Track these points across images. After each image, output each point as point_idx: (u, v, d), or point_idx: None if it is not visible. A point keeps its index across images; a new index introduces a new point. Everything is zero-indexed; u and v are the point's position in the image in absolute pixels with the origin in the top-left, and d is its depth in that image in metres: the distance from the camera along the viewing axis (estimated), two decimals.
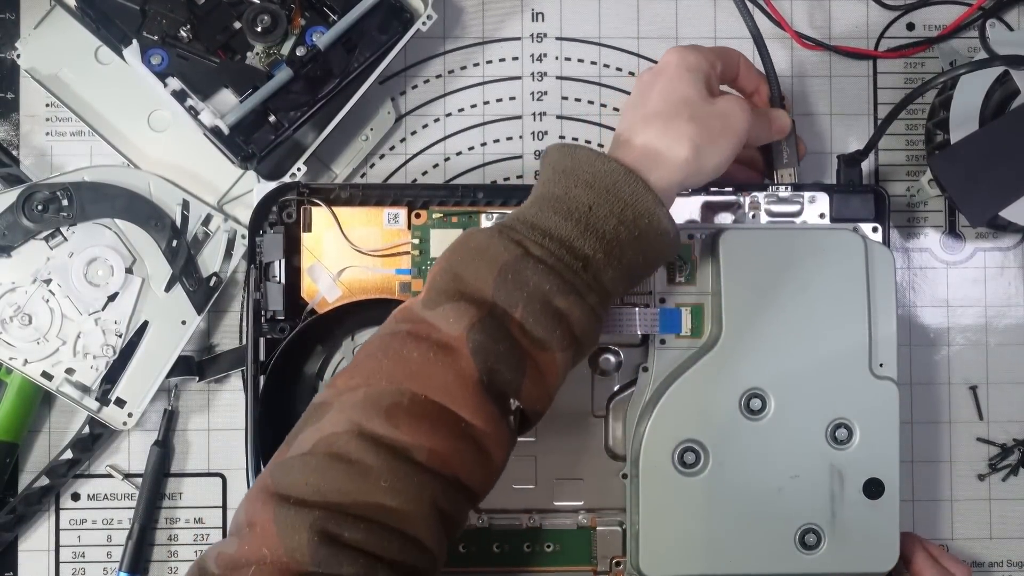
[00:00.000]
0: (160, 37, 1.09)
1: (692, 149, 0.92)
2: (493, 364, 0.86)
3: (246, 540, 0.81)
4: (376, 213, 1.08)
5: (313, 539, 0.80)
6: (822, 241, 1.03)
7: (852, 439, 1.01)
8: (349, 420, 0.84)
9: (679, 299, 1.05)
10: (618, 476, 1.06)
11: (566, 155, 0.91)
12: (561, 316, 0.87)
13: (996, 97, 1.12)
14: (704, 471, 1.01)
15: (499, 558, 1.09)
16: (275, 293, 1.07)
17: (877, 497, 1.01)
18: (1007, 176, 1.08)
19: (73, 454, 1.16)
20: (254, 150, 1.08)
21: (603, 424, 1.10)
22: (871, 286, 1.02)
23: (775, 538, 1.01)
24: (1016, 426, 1.20)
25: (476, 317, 0.86)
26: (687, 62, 0.96)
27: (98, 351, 1.12)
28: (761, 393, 1.01)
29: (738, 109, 0.96)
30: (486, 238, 0.88)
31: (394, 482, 0.83)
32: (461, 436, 0.85)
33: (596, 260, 0.88)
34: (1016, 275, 1.20)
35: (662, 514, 1.01)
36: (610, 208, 0.88)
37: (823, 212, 1.08)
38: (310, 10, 1.11)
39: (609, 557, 1.08)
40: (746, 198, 1.08)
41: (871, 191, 1.09)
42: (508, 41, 1.21)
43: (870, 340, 1.02)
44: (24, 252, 1.13)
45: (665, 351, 1.05)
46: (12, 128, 1.18)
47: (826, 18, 1.22)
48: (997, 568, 1.19)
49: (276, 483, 0.83)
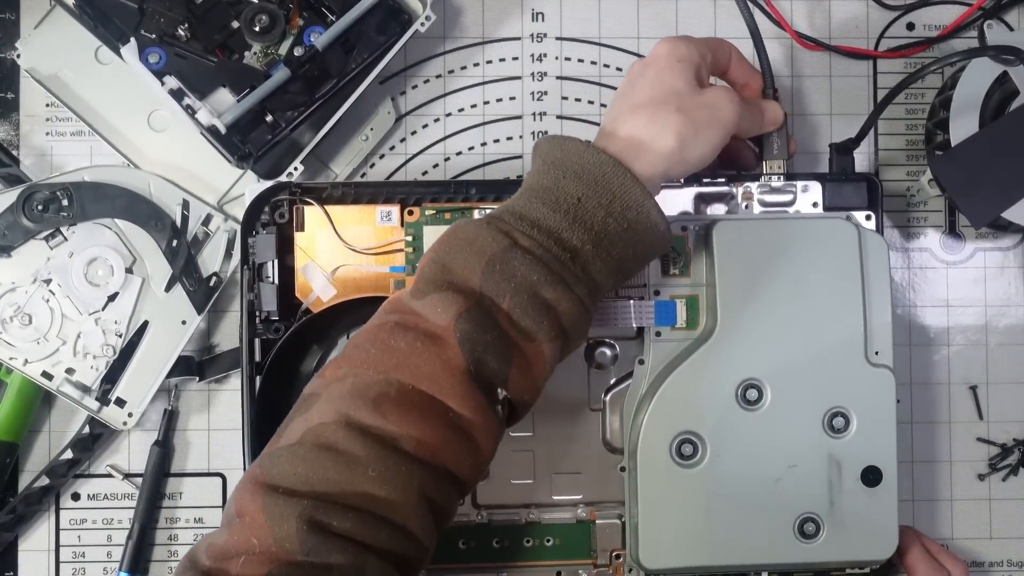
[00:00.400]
0: (158, 36, 1.09)
1: (677, 140, 0.92)
2: (480, 354, 0.86)
3: (235, 530, 0.82)
4: (369, 211, 1.08)
5: (302, 528, 0.80)
6: (816, 230, 1.03)
7: (849, 428, 1.02)
8: (337, 410, 0.84)
9: (674, 291, 1.06)
10: (616, 469, 1.06)
11: (556, 146, 0.91)
12: (548, 307, 0.87)
13: (996, 97, 1.12)
14: (702, 462, 1.01)
15: (499, 553, 1.09)
16: (269, 294, 1.07)
17: (875, 485, 1.02)
18: (1008, 177, 1.08)
19: (73, 454, 1.16)
20: (251, 149, 1.08)
21: (600, 417, 1.10)
22: (865, 274, 1.03)
23: (774, 528, 1.01)
24: (1016, 426, 1.20)
25: (464, 307, 0.86)
26: (677, 53, 0.96)
27: (98, 351, 1.13)
28: (757, 383, 1.01)
29: (726, 100, 0.96)
30: (475, 229, 0.89)
31: (382, 471, 0.83)
32: (449, 425, 0.86)
33: (584, 252, 0.89)
34: (1016, 275, 1.20)
35: (661, 506, 1.02)
36: (599, 200, 0.89)
37: (816, 201, 1.08)
38: (308, 10, 1.11)
39: (609, 550, 1.09)
40: (739, 188, 1.08)
41: (864, 179, 1.09)
42: (508, 41, 1.21)
43: (865, 328, 1.02)
44: (24, 252, 1.13)
45: (661, 343, 1.05)
46: (12, 128, 1.18)
47: (826, 18, 1.22)
48: (997, 568, 1.19)
49: (265, 473, 0.84)
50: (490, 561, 1.09)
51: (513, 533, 1.09)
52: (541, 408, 1.06)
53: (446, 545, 1.08)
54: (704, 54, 0.99)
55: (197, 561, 0.82)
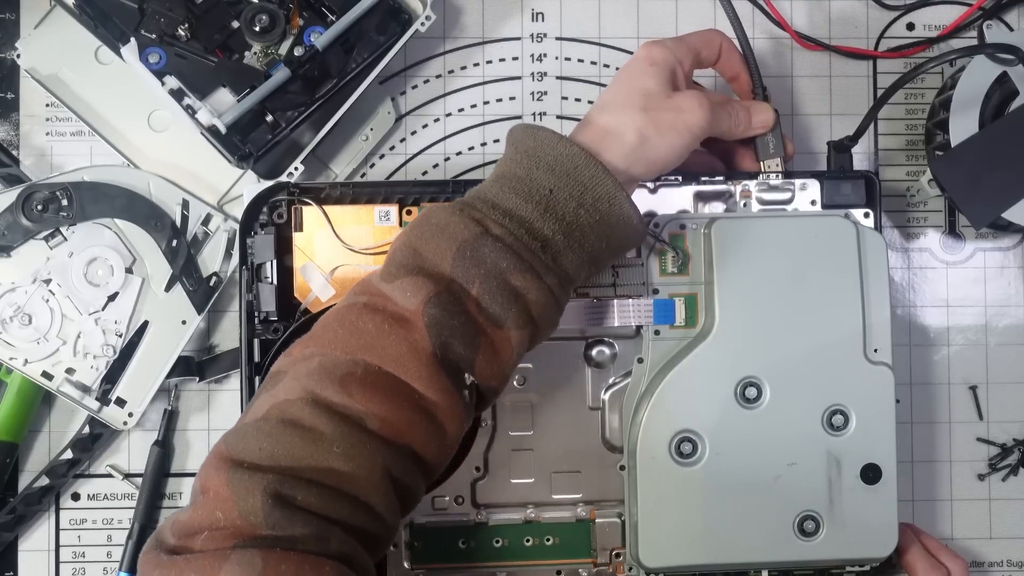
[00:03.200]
0: (158, 35, 1.09)
1: (638, 137, 0.94)
2: (447, 338, 0.87)
3: (200, 506, 0.82)
4: (367, 211, 1.08)
5: (267, 502, 0.80)
6: (814, 228, 1.03)
7: (848, 425, 1.02)
8: (303, 388, 0.85)
9: (672, 289, 1.06)
10: (616, 468, 1.07)
11: (529, 135, 0.93)
12: (517, 294, 0.88)
13: (996, 98, 1.12)
14: (701, 461, 1.01)
15: (500, 552, 1.09)
16: (267, 294, 1.07)
17: (874, 482, 1.02)
18: (1008, 178, 1.09)
19: (73, 454, 1.16)
20: (251, 149, 1.08)
21: (600, 416, 1.09)
22: (864, 272, 1.03)
23: (774, 526, 1.02)
24: (1016, 426, 1.20)
25: (433, 291, 0.87)
26: (651, 56, 0.98)
27: (98, 351, 1.13)
28: (756, 381, 1.02)
29: (695, 105, 0.97)
30: (447, 215, 0.89)
31: (347, 448, 0.83)
32: (415, 407, 0.86)
33: (556, 242, 0.90)
34: (1016, 275, 1.20)
35: (660, 505, 1.02)
36: (570, 191, 0.90)
37: (814, 199, 1.08)
38: (308, 10, 1.11)
39: (609, 549, 1.09)
40: (737, 187, 1.08)
41: (862, 177, 1.08)
42: (508, 41, 1.21)
43: (864, 326, 1.03)
44: (24, 252, 1.13)
45: (660, 342, 1.05)
46: (12, 128, 1.18)
47: (826, 18, 1.22)
48: (997, 568, 1.19)
49: (230, 449, 0.84)
50: (490, 560, 1.09)
51: (513, 532, 1.09)
52: (541, 407, 1.07)
53: (446, 544, 1.08)
54: (682, 57, 1.00)
55: (162, 539, 0.82)
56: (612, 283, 1.06)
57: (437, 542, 1.08)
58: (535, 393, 1.08)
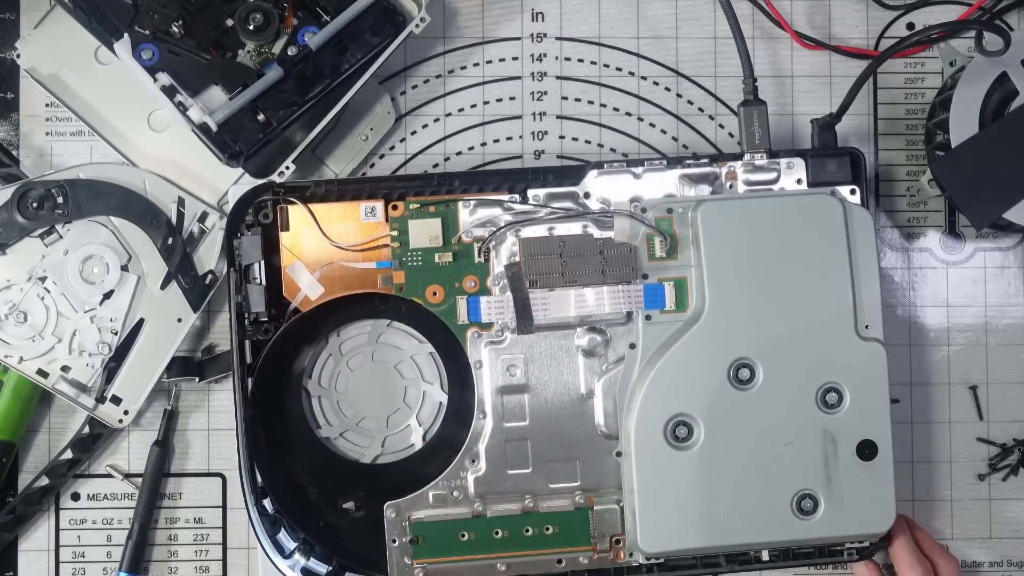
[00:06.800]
0: (152, 32, 1.09)
1: None
2: None
3: None
4: (353, 208, 1.08)
5: None
6: (801, 207, 1.04)
7: (842, 402, 1.03)
8: None
9: (662, 274, 1.06)
10: (612, 455, 1.07)
11: None
12: None
13: (996, 98, 1.12)
14: (697, 444, 1.02)
15: (500, 543, 1.08)
16: (256, 295, 1.07)
17: (870, 459, 1.03)
18: (1008, 178, 1.09)
19: (73, 454, 1.16)
20: (242, 148, 1.08)
21: (594, 404, 1.09)
22: (852, 248, 1.04)
23: (772, 506, 1.03)
24: (1016, 426, 1.19)
25: None
26: None
27: (94, 349, 1.13)
28: (749, 363, 1.02)
29: None
30: None
31: None
32: None
33: None
34: (1016, 275, 1.20)
35: (658, 490, 1.03)
36: None
37: (800, 178, 1.08)
38: (303, 10, 1.11)
39: (608, 535, 1.08)
40: (723, 168, 1.08)
41: (847, 153, 1.09)
42: (508, 41, 1.21)
43: (854, 302, 1.03)
44: (19, 250, 1.13)
45: (651, 327, 1.05)
46: (12, 128, 1.19)
47: (826, 18, 1.21)
48: (997, 568, 1.19)
49: None
50: (491, 552, 1.08)
51: (512, 523, 1.08)
52: (534, 398, 1.07)
53: (447, 538, 1.08)
54: None
55: None
56: (601, 270, 1.06)
57: (438, 536, 1.07)
58: (528, 384, 1.08)
